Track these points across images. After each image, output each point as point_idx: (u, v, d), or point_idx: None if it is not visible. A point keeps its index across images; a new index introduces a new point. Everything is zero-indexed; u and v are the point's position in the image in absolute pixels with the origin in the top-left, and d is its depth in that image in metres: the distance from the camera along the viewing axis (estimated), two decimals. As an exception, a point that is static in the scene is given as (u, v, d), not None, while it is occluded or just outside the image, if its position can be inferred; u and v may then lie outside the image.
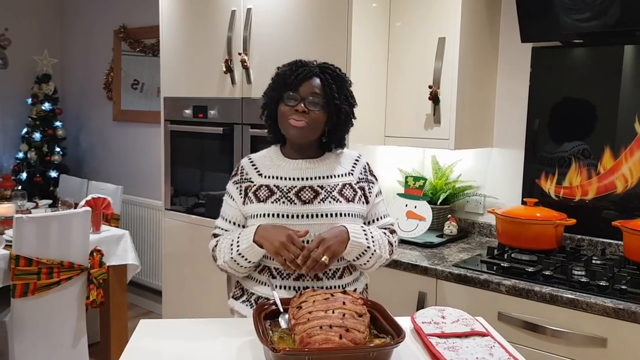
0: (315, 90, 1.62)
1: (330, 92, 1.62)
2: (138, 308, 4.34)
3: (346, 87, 1.68)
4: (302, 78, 1.61)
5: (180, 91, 3.04)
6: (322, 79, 1.63)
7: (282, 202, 1.61)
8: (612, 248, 2.36)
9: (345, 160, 1.74)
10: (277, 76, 1.67)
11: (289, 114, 1.62)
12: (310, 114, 1.61)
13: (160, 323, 1.58)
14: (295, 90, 1.61)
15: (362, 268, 1.71)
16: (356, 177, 1.71)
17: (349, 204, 1.65)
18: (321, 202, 1.62)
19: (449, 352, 1.31)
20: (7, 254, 2.72)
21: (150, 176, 4.25)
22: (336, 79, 1.65)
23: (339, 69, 1.68)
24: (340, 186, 1.66)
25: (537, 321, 1.92)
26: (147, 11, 4.12)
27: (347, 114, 1.67)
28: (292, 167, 1.68)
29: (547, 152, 2.52)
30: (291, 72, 1.62)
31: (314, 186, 1.64)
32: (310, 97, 1.61)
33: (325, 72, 1.64)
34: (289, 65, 1.66)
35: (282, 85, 1.63)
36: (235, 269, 1.65)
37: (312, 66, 1.65)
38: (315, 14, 2.46)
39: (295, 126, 1.61)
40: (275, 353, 1.17)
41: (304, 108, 1.60)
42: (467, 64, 2.42)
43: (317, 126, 1.64)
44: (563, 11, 2.25)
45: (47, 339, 2.87)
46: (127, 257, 3.25)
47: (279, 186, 1.64)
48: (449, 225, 2.63)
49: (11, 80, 4.68)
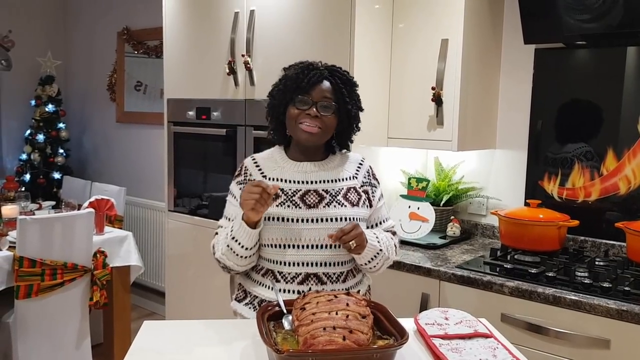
0: (327, 94, 1.61)
1: (342, 97, 1.62)
2: (141, 309, 4.34)
3: (355, 91, 1.68)
4: (314, 81, 1.60)
5: (183, 93, 3.04)
6: (333, 82, 1.62)
7: (287, 206, 1.61)
8: (615, 249, 2.35)
9: (349, 164, 1.74)
10: (287, 78, 1.65)
11: (300, 118, 1.61)
12: (323, 118, 1.60)
13: (164, 324, 1.59)
14: (307, 93, 1.60)
15: (369, 271, 1.72)
16: (360, 180, 1.71)
17: (354, 208, 1.65)
18: (326, 207, 1.62)
19: (452, 353, 1.31)
20: (10, 255, 2.73)
21: (153, 178, 4.26)
22: (346, 82, 1.64)
23: (347, 72, 1.68)
24: (345, 190, 1.66)
25: (540, 322, 1.92)
26: (151, 13, 4.13)
27: (356, 118, 1.68)
28: (296, 169, 1.67)
29: (550, 153, 2.52)
30: (303, 75, 1.61)
31: (318, 190, 1.64)
32: (322, 101, 1.60)
33: (335, 75, 1.63)
34: (299, 68, 1.64)
35: (293, 88, 1.62)
36: (232, 260, 1.61)
37: (322, 69, 1.63)
38: (318, 15, 2.46)
39: (308, 132, 1.60)
40: (279, 354, 1.17)
41: (316, 113, 1.59)
42: (470, 65, 2.42)
43: (329, 131, 1.64)
44: (566, 12, 2.25)
45: (50, 340, 2.88)
46: (130, 258, 3.26)
47: (283, 189, 1.64)
48: (452, 226, 2.62)
49: (15, 82, 4.69)
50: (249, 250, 1.60)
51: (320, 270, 1.61)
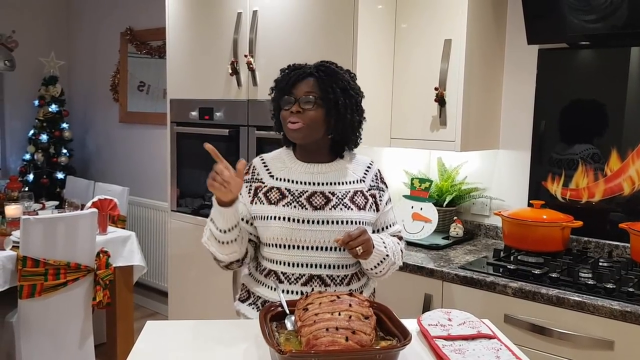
0: (309, 89, 1.60)
1: (324, 87, 1.59)
2: (144, 309, 4.35)
3: (343, 79, 1.63)
4: (295, 80, 1.61)
5: (186, 93, 3.05)
6: (317, 76, 1.61)
7: (293, 207, 1.60)
8: (619, 250, 2.35)
9: (357, 167, 1.72)
10: (276, 82, 1.67)
11: (287, 118, 1.61)
12: (306, 113, 1.59)
13: (167, 325, 1.58)
14: (290, 93, 1.61)
15: (375, 276, 1.70)
16: (368, 184, 1.70)
17: (360, 212, 1.64)
18: (332, 209, 1.61)
19: (455, 354, 1.31)
20: (14, 255, 2.74)
21: (156, 178, 4.26)
22: (330, 73, 1.62)
23: (334, 64, 1.66)
24: (351, 193, 1.65)
25: (543, 324, 1.92)
26: (154, 13, 4.14)
27: (346, 106, 1.61)
28: (303, 170, 1.67)
29: (554, 153, 2.51)
30: (285, 76, 1.63)
31: (325, 192, 1.64)
32: (303, 96, 1.60)
33: (319, 69, 1.62)
34: (286, 69, 1.67)
35: (278, 91, 1.64)
36: (214, 246, 1.61)
37: (307, 67, 1.64)
38: (321, 15, 2.46)
39: (291, 129, 1.60)
40: (282, 355, 1.17)
41: (297, 108, 1.59)
42: (473, 65, 2.41)
43: (315, 125, 1.60)
44: (570, 12, 2.24)
45: (53, 339, 2.88)
46: (133, 258, 3.26)
47: (290, 189, 1.63)
48: (455, 227, 2.62)
49: (18, 82, 4.71)
50: (225, 235, 1.56)
51: (324, 272, 1.61)
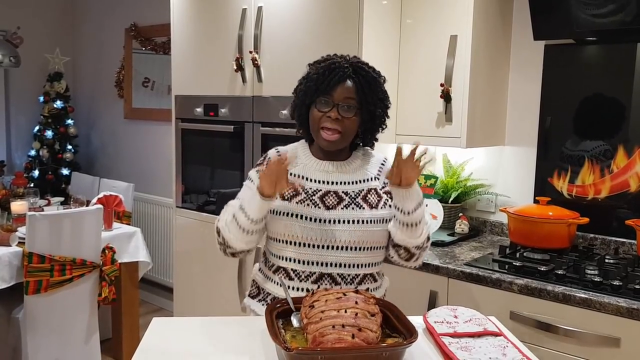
0: (349, 94, 1.57)
1: (364, 97, 1.57)
2: (149, 305, 4.36)
3: (380, 88, 1.63)
4: (335, 82, 1.56)
5: (191, 89, 3.05)
6: (356, 81, 1.58)
7: (306, 204, 1.59)
8: (625, 247, 2.34)
9: (372, 164, 1.71)
10: (308, 78, 1.61)
11: (322, 121, 1.58)
12: (344, 121, 1.57)
13: (173, 321, 1.59)
14: (328, 95, 1.57)
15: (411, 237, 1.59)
16: (382, 181, 1.68)
17: (372, 211, 1.62)
18: (344, 209, 1.60)
19: (461, 352, 1.31)
20: (20, 251, 2.75)
21: (161, 174, 4.27)
22: (370, 80, 1.60)
23: (373, 69, 1.63)
24: (365, 192, 1.64)
25: (549, 321, 1.91)
26: (158, 9, 4.13)
27: (381, 117, 1.64)
28: (318, 168, 1.65)
29: (560, 150, 2.50)
30: (324, 76, 1.57)
31: (338, 192, 1.62)
32: (343, 102, 1.57)
33: (358, 73, 1.59)
34: (322, 67, 1.60)
35: (314, 89, 1.59)
36: (233, 232, 1.58)
37: (346, 67, 1.58)
38: (326, 11, 2.45)
39: (328, 139, 1.58)
40: (288, 352, 1.17)
41: (337, 115, 1.56)
42: (479, 61, 2.40)
43: (351, 133, 1.61)
44: (577, 8, 2.23)
45: (59, 335, 2.90)
46: (138, 254, 3.27)
47: (304, 187, 1.62)
48: (461, 223, 2.61)
49: (23, 79, 4.72)
50: (252, 224, 1.55)
51: (334, 270, 1.60)
